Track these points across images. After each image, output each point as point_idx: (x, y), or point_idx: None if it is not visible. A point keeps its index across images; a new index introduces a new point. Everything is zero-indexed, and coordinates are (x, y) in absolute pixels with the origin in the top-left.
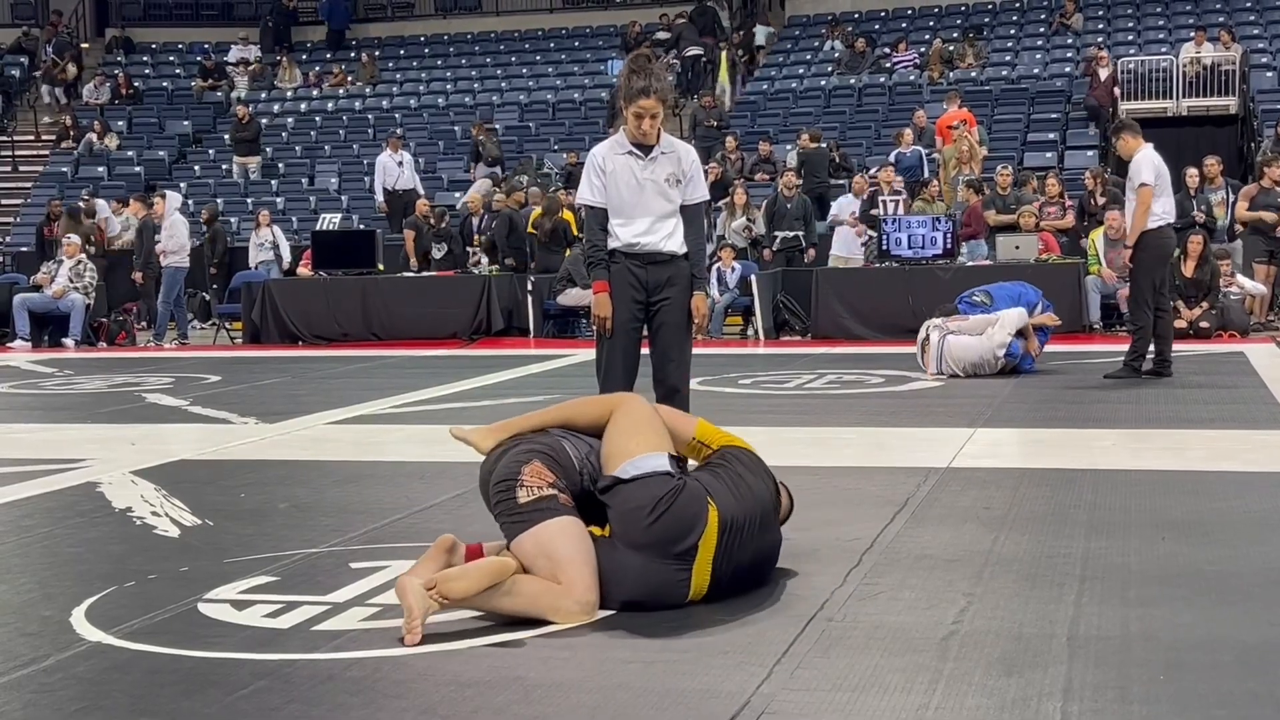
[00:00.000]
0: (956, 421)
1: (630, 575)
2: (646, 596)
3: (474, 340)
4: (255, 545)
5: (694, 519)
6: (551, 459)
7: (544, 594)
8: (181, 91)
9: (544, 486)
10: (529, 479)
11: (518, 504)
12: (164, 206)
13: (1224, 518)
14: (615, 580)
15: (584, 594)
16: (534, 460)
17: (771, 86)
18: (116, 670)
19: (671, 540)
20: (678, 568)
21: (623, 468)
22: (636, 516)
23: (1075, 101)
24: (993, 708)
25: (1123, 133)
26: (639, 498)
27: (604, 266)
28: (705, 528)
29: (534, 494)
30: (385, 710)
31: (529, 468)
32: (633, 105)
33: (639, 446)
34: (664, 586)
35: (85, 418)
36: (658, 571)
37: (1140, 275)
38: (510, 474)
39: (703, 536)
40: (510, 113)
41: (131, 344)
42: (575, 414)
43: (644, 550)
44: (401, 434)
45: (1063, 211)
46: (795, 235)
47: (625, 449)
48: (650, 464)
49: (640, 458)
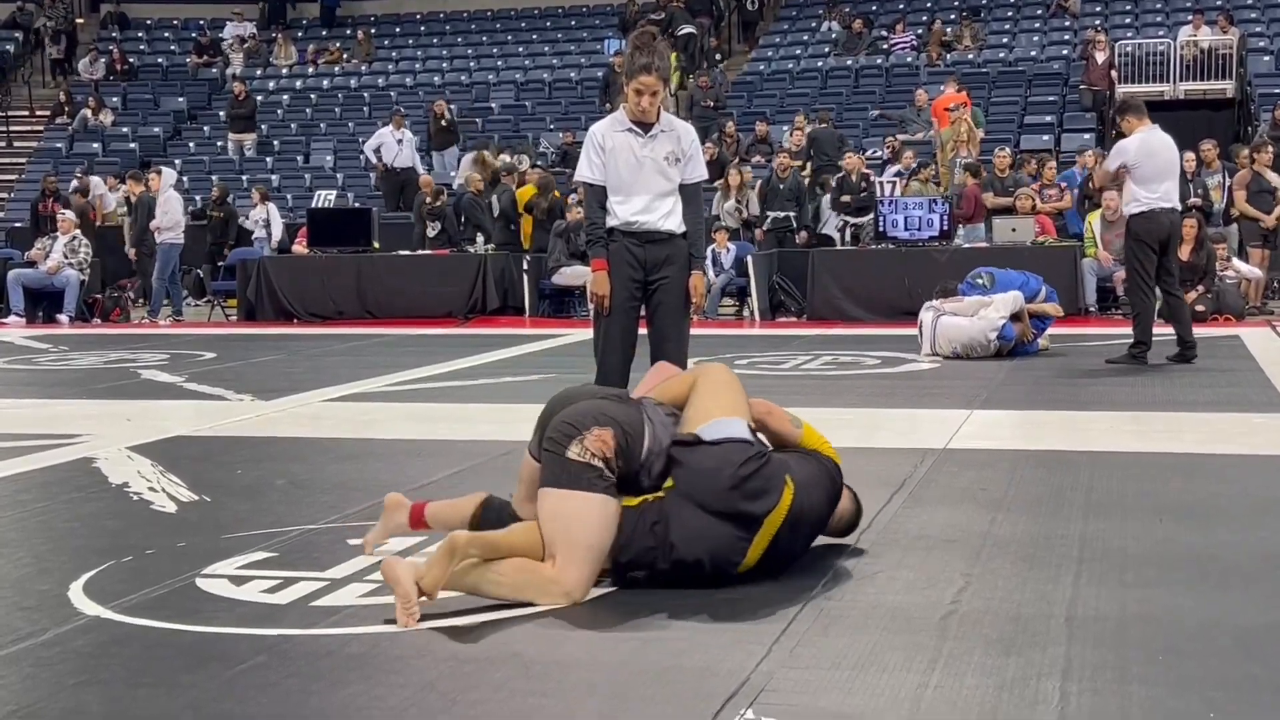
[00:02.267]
0: (953, 403)
1: (691, 533)
2: (702, 556)
3: (469, 319)
4: (253, 521)
5: (771, 490)
6: (625, 436)
7: (529, 584)
8: (176, 68)
9: (598, 456)
10: (591, 442)
11: (565, 455)
12: (159, 183)
13: (1221, 501)
14: (680, 538)
15: (574, 584)
16: (608, 428)
17: (768, 67)
18: (115, 644)
19: (744, 507)
20: (740, 535)
21: (704, 428)
22: (715, 476)
23: (1073, 84)
24: (992, 687)
25: (1127, 113)
26: (720, 459)
27: (602, 244)
28: (779, 502)
29: (584, 457)
30: (384, 685)
31: (598, 431)
32: (634, 81)
33: (720, 409)
34: (721, 550)
35: (81, 393)
36: (720, 534)
37: (1130, 260)
38: (578, 425)
39: (774, 509)
40: (506, 91)
41: (126, 320)
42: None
43: (713, 511)
44: (398, 412)
45: (1061, 194)
46: (786, 216)
47: (707, 410)
48: (732, 429)
49: (722, 420)
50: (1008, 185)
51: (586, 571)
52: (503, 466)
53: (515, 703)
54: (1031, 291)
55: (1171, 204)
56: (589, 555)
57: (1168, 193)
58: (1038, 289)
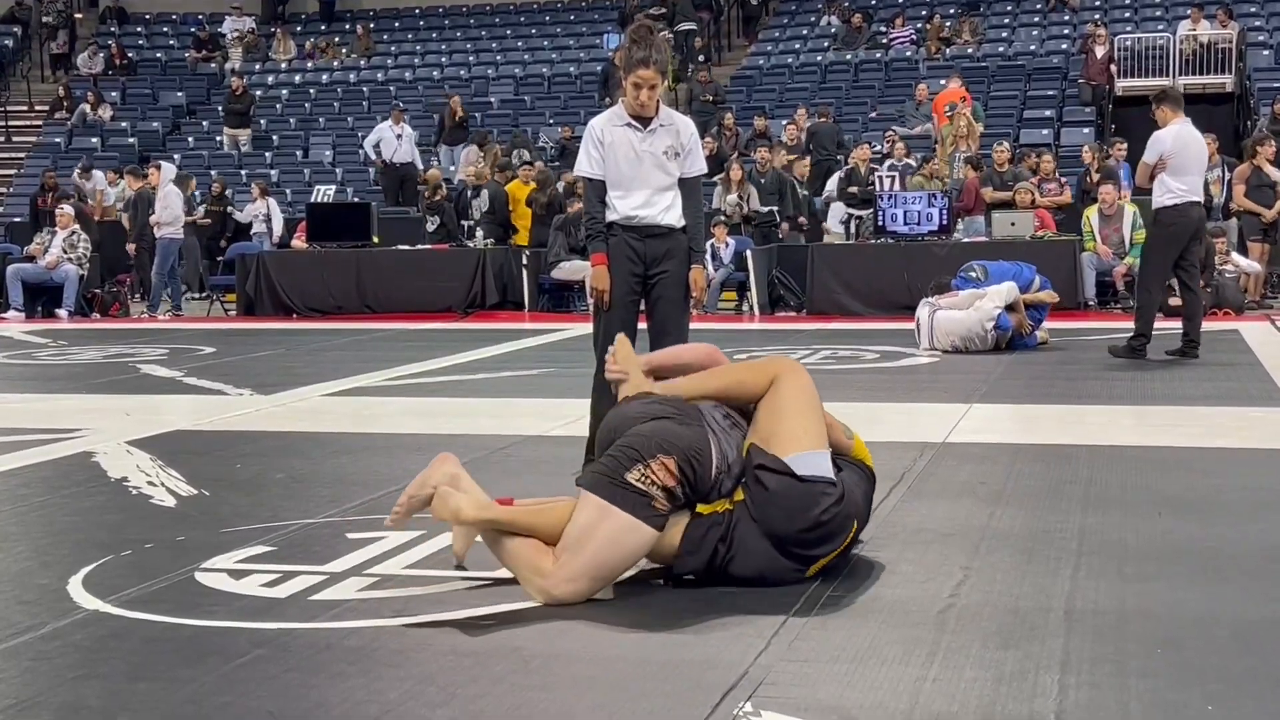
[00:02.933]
0: (952, 397)
1: (752, 557)
2: (756, 575)
3: (468, 314)
4: (252, 515)
5: (839, 533)
6: (689, 463)
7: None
8: (175, 63)
9: (657, 484)
10: (656, 470)
11: (623, 477)
12: (159, 178)
13: (1220, 494)
14: (740, 556)
15: (558, 590)
16: (672, 455)
17: (768, 62)
18: (114, 638)
19: (811, 552)
20: (797, 567)
21: (794, 458)
22: (795, 517)
23: (1072, 79)
24: (990, 679)
25: (1164, 103)
26: (806, 500)
27: (602, 239)
28: (841, 544)
29: (642, 484)
30: (383, 679)
31: (664, 460)
32: (632, 75)
33: (809, 437)
34: (776, 573)
35: (80, 388)
36: (779, 565)
37: (1153, 252)
38: (641, 451)
39: (834, 551)
40: (505, 86)
41: (125, 315)
42: (737, 384)
43: (779, 544)
44: (397, 406)
45: (1060, 188)
46: (770, 210)
47: (794, 434)
48: (819, 464)
49: (812, 454)
50: (1007, 180)
51: (580, 588)
52: (501, 461)
53: (514, 696)
54: (1025, 282)
55: (1199, 198)
56: (594, 573)
57: (1195, 186)
58: (1031, 279)
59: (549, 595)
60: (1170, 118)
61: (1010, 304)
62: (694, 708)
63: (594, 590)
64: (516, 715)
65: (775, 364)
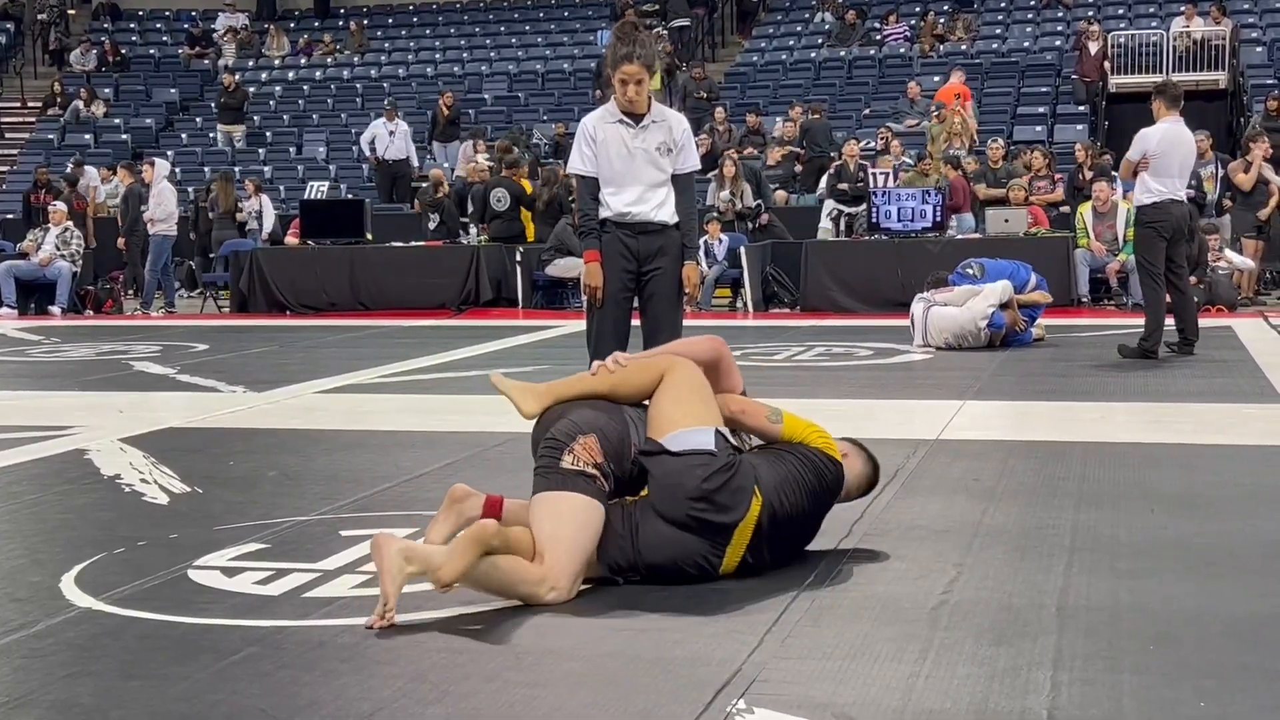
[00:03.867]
0: (945, 394)
1: (662, 543)
2: (672, 562)
3: (462, 311)
4: (245, 513)
5: (738, 503)
6: (608, 441)
7: (521, 582)
8: (169, 59)
9: (590, 463)
10: (580, 450)
11: (559, 466)
12: (152, 174)
13: (1213, 491)
14: (647, 545)
15: (560, 580)
16: (591, 435)
17: (761, 58)
18: (107, 635)
19: (709, 522)
20: (710, 545)
21: (669, 437)
22: (677, 493)
23: (1066, 75)
24: (983, 676)
25: (1161, 98)
26: (683, 474)
27: (595, 236)
28: (746, 514)
29: (577, 465)
30: (377, 676)
31: (585, 439)
32: (618, 72)
33: (686, 417)
34: (692, 557)
35: (73, 385)
36: (688, 544)
37: (1139, 250)
38: (565, 438)
39: (741, 521)
40: (499, 83)
41: (118, 312)
42: (623, 382)
43: (677, 523)
44: (391, 403)
45: (1052, 185)
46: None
47: (671, 417)
48: (696, 440)
49: (687, 431)
50: (1000, 177)
51: (572, 568)
52: (496, 458)
53: (508, 693)
54: (1021, 281)
55: (1180, 197)
56: (574, 551)
57: (1174, 187)
58: (1027, 278)
59: (555, 589)
60: (1163, 114)
61: (1005, 302)
62: (687, 705)
63: (582, 569)
64: (509, 713)
65: (665, 362)
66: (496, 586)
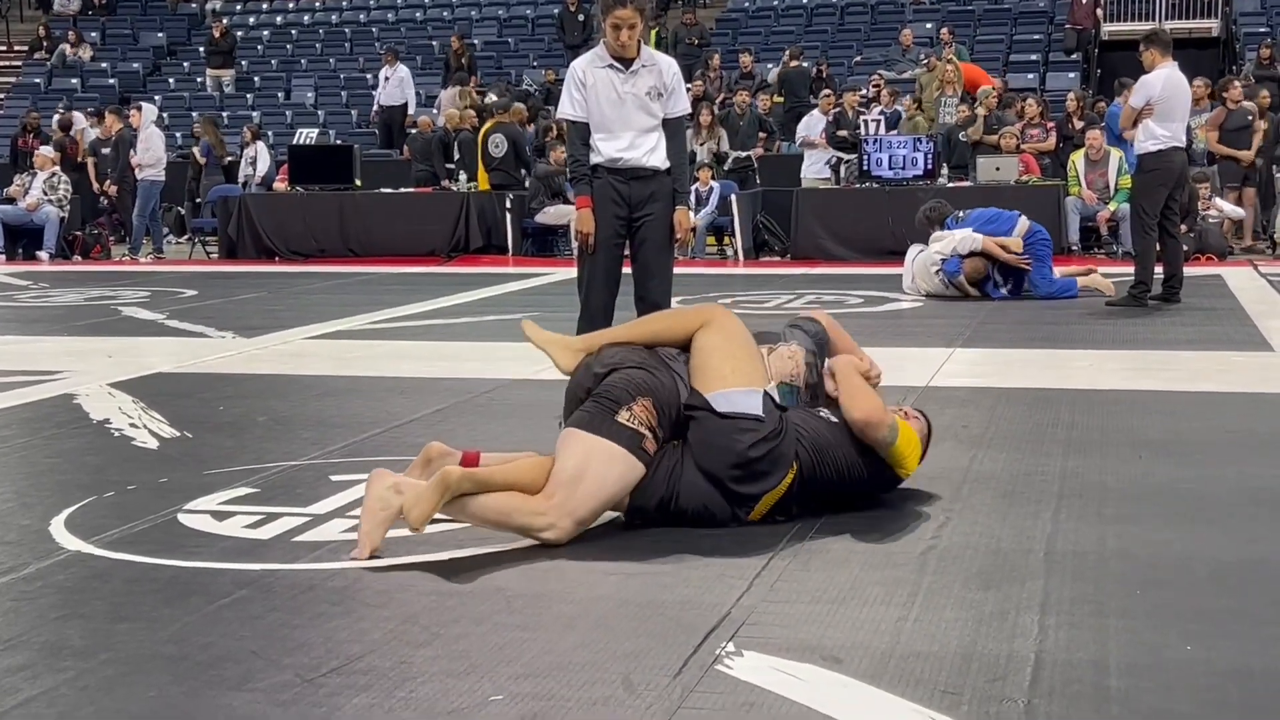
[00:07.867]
0: (935, 341)
1: (696, 492)
2: (704, 509)
3: (452, 258)
4: (234, 457)
5: (774, 472)
6: (662, 405)
7: (518, 512)
8: (155, 3)
9: (646, 424)
10: (639, 409)
11: (614, 419)
12: (140, 119)
13: (1200, 437)
14: (686, 489)
15: (563, 520)
16: (649, 397)
17: (753, 4)
18: (96, 578)
19: (743, 489)
20: (738, 507)
21: (716, 396)
22: (721, 456)
23: (1058, 23)
24: (971, 620)
25: (1153, 46)
26: (728, 437)
27: (586, 182)
28: (779, 484)
29: (634, 424)
30: (367, 619)
31: (644, 401)
32: (610, 16)
33: (735, 375)
34: (718, 512)
35: (61, 330)
36: (720, 501)
37: (1138, 197)
38: (624, 395)
39: (771, 490)
40: (489, 28)
41: (106, 258)
42: (663, 330)
43: (716, 482)
44: (381, 349)
45: (1044, 134)
46: (748, 155)
47: (721, 372)
48: (745, 402)
49: (737, 392)
50: (992, 124)
51: (580, 514)
52: (484, 404)
53: (498, 636)
54: (1004, 230)
55: (1182, 144)
56: (588, 498)
57: (1178, 132)
58: (1008, 229)
59: (553, 527)
60: (1158, 61)
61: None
62: (677, 647)
63: (587, 522)
64: (500, 655)
65: (704, 310)
66: (494, 516)
